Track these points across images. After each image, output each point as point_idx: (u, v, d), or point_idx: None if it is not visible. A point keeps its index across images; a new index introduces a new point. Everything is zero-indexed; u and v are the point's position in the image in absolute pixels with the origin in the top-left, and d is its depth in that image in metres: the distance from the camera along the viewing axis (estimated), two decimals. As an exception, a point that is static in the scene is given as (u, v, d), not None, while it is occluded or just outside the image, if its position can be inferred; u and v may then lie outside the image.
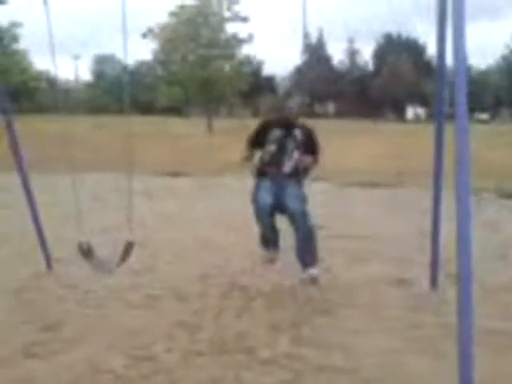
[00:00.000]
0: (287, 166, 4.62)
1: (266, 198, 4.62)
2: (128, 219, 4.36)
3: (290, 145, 4.61)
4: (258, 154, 4.74)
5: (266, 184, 4.66)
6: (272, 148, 4.63)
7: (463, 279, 2.70)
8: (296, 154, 4.61)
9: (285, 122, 4.70)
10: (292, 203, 4.56)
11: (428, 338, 3.80)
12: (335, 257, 5.72)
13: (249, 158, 4.79)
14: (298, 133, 4.66)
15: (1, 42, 36.75)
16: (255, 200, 4.71)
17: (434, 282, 4.75)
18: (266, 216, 4.69)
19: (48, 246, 5.31)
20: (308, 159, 4.64)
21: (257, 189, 4.75)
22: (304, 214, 4.55)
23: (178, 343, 3.68)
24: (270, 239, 4.88)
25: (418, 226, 6.65)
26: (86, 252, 4.47)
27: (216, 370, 3.30)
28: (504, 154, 17.50)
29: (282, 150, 4.62)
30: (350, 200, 9.63)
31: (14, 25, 38.61)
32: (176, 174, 13.14)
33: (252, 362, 3.40)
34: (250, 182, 4.92)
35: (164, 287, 4.84)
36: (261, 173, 4.74)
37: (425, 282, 4.81)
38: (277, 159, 4.62)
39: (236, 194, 10.40)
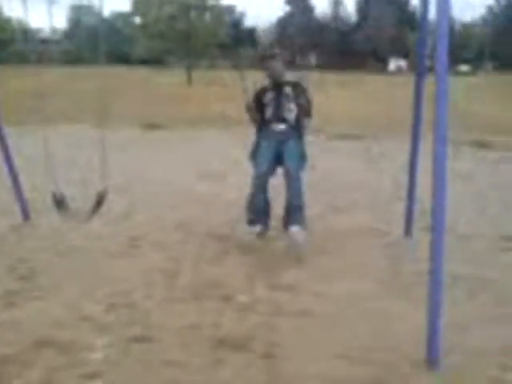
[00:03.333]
0: (289, 119, 4.76)
1: (264, 164, 4.64)
2: (101, 169, 4.30)
3: (285, 101, 4.76)
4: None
5: (266, 143, 4.73)
6: (270, 108, 4.79)
7: (436, 225, 2.76)
8: (293, 106, 4.76)
9: (274, 84, 4.81)
10: (290, 162, 4.61)
11: (402, 284, 3.90)
12: (312, 207, 5.77)
13: (254, 118, 4.89)
14: (288, 90, 4.78)
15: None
16: (255, 163, 4.73)
17: (408, 231, 4.84)
18: (261, 187, 4.66)
19: (24, 197, 5.27)
20: (303, 100, 4.79)
21: (257, 148, 4.79)
22: (297, 178, 4.59)
23: (156, 290, 3.73)
24: (259, 212, 4.74)
25: (395, 178, 6.72)
26: (60, 202, 4.44)
27: (194, 315, 3.36)
28: (487, 107, 17.58)
29: (279, 107, 4.77)
30: (330, 151, 9.65)
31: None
32: (152, 126, 12.98)
33: (228, 308, 3.47)
34: (228, 133, 4.90)
35: (141, 235, 4.87)
36: (263, 128, 4.81)
37: (400, 232, 4.90)
38: (277, 115, 4.76)
39: (214, 145, 10.41)
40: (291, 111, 4.76)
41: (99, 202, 4.34)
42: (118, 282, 3.85)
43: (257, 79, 4.90)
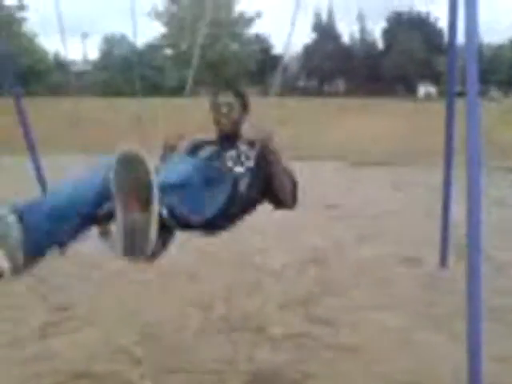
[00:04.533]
0: None
1: None
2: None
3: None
4: None
5: None
6: None
7: (472, 255, 2.70)
8: None
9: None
10: None
11: (438, 315, 3.81)
12: (345, 235, 5.73)
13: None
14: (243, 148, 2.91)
15: (9, 27, 36.61)
16: None
17: (443, 260, 4.75)
18: None
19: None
20: None
21: None
22: None
23: (190, 322, 3.72)
24: None
25: (427, 205, 6.63)
26: (103, 231, 4.50)
27: (227, 348, 3.33)
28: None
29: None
30: (360, 179, 9.60)
31: (20, 8, 38.55)
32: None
33: (263, 340, 3.44)
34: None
35: (176, 266, 4.88)
36: None
37: (434, 261, 4.81)
38: None
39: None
40: None
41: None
42: (152, 313, 3.86)
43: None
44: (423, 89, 49.60)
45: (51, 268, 4.85)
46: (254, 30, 37.82)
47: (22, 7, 38.57)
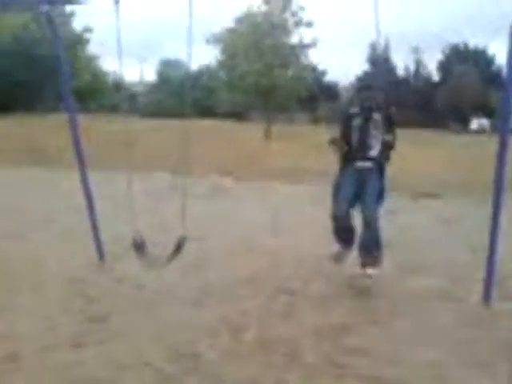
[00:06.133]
0: (374, 150, 4.79)
1: (344, 205, 4.77)
2: (182, 216, 4.41)
3: (372, 128, 4.78)
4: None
5: (348, 181, 4.80)
6: (355, 135, 4.82)
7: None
8: (379, 136, 4.75)
9: (363, 109, 4.87)
10: (369, 199, 4.68)
11: (479, 354, 3.64)
12: (387, 266, 5.60)
13: (340, 147, 4.88)
14: (377, 116, 4.80)
15: (74, 47, 38.15)
16: (335, 203, 4.82)
17: (487, 297, 4.57)
18: (341, 227, 4.81)
19: (101, 239, 5.46)
20: (390, 137, 4.73)
21: (339, 186, 4.87)
22: (375, 219, 4.66)
23: (222, 341, 3.70)
24: (342, 237, 4.94)
25: (472, 240, 6.43)
26: (139, 246, 4.58)
27: (257, 370, 3.29)
28: None
29: (365, 133, 4.80)
30: (406, 210, 9.41)
31: (86, 30, 40.24)
32: (230, 176, 13.21)
33: (294, 366, 3.37)
34: (301, 188, 4.93)
35: (212, 286, 4.88)
36: (347, 159, 4.86)
37: (477, 297, 4.63)
38: (363, 143, 4.79)
39: (287, 199, 10.41)
40: (378, 139, 4.73)
41: (178, 247, 4.43)
42: (184, 331, 3.85)
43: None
44: (476, 122, 48.51)
45: (88, 280, 4.98)
46: (309, 57, 37.87)
47: (88, 29, 40.22)
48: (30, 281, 4.89)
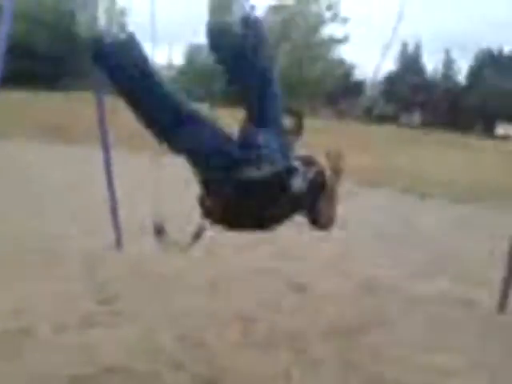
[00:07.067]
0: None
1: None
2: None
3: None
4: None
5: None
6: None
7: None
8: None
9: None
10: None
11: (493, 363, 3.60)
12: (399, 268, 5.55)
13: None
14: None
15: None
16: None
17: (502, 306, 4.50)
18: None
19: (119, 221, 5.46)
20: None
21: None
22: None
23: (230, 333, 3.70)
24: None
25: (493, 247, 6.34)
26: (159, 231, 4.56)
27: (264, 364, 3.29)
28: None
29: None
30: (425, 212, 9.31)
31: (122, 13, 40.43)
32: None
33: (302, 361, 3.37)
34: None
35: (224, 276, 4.88)
36: None
37: (492, 305, 4.57)
38: None
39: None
40: None
41: (198, 233, 4.40)
42: (193, 318, 3.87)
43: None
44: (502, 128, 47.83)
45: (103, 262, 4.99)
46: (339, 53, 37.57)
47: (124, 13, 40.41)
48: (44, 256, 4.91)
